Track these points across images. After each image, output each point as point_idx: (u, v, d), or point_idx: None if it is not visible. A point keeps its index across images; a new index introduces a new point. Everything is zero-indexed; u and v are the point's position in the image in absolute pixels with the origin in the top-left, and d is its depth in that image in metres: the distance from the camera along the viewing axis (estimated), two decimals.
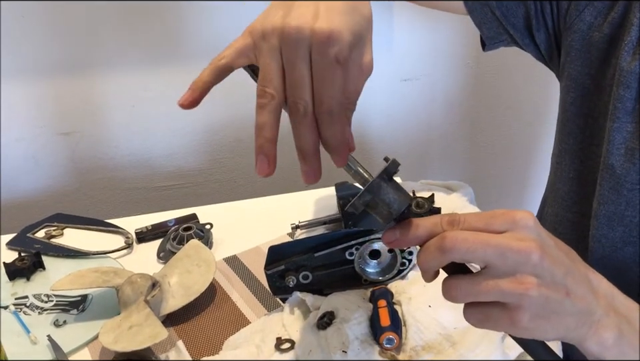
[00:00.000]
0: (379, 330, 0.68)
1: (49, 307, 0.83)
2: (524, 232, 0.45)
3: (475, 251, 0.45)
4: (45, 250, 0.93)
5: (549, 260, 0.45)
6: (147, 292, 0.76)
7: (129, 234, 0.96)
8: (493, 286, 0.45)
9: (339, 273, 0.78)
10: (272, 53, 0.47)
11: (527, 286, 0.44)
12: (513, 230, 0.45)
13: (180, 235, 0.92)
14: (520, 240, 0.45)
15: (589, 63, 0.73)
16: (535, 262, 0.44)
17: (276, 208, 1.04)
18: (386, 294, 0.74)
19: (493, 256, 0.45)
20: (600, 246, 0.73)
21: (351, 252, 0.76)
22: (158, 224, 0.98)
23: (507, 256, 0.44)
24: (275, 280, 0.77)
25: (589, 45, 0.73)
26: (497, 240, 0.45)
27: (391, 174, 0.49)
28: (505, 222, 0.46)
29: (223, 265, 0.89)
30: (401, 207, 0.48)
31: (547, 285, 0.45)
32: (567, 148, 0.79)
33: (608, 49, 0.71)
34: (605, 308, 0.47)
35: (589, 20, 0.72)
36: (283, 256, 0.77)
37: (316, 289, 0.78)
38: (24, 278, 0.88)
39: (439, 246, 0.46)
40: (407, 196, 0.49)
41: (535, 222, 0.46)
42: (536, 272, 0.44)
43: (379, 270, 0.79)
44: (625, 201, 0.69)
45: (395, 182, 0.49)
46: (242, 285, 0.85)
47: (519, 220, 0.46)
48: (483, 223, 0.46)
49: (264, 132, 0.48)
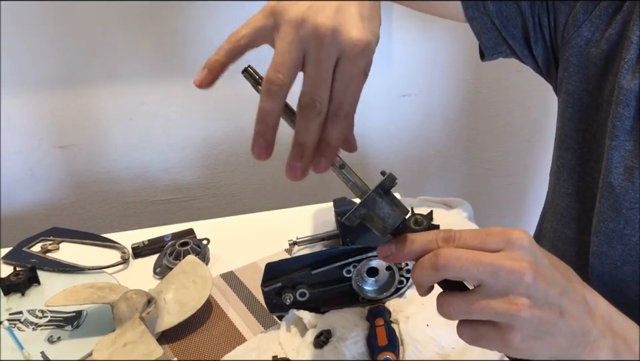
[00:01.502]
0: (376, 350, 0.67)
1: (43, 323, 0.82)
2: (518, 252, 0.45)
3: (468, 270, 0.45)
4: (40, 265, 0.92)
5: (543, 280, 0.45)
6: (142, 308, 0.76)
7: (125, 249, 0.96)
8: (485, 305, 0.45)
9: (336, 290, 0.77)
10: (296, 44, 0.47)
11: (519, 307, 0.44)
12: (508, 249, 0.45)
13: (177, 250, 0.91)
14: (513, 259, 0.44)
15: (587, 79, 0.73)
16: (527, 283, 0.44)
17: (273, 223, 1.04)
18: (383, 312, 0.73)
19: (485, 275, 0.45)
20: (600, 264, 0.72)
21: (349, 270, 0.76)
22: (154, 239, 0.97)
23: (499, 275, 0.44)
24: (271, 297, 0.77)
25: (587, 61, 0.73)
26: (490, 259, 0.45)
27: (387, 188, 0.49)
28: (500, 241, 0.46)
29: (220, 281, 0.89)
30: (395, 222, 0.49)
31: (539, 306, 0.45)
32: (565, 164, 0.78)
33: (605, 65, 0.71)
34: (601, 329, 0.47)
35: (586, 35, 0.72)
36: (279, 273, 0.76)
37: (313, 307, 0.77)
38: (19, 293, 0.87)
39: (433, 263, 0.46)
40: (402, 210, 0.49)
41: (530, 242, 0.46)
42: (529, 293, 0.44)
43: (376, 288, 0.78)
44: (624, 220, 0.69)
45: (392, 196, 0.49)
46: (238, 301, 0.85)
47: (514, 240, 0.45)
48: (478, 241, 0.46)
49: (268, 119, 0.48)
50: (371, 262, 0.76)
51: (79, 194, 1.32)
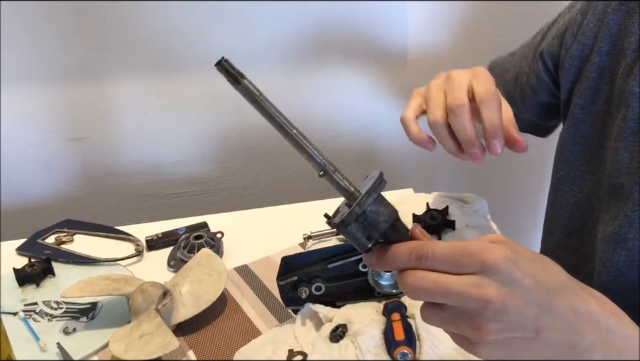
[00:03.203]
0: (393, 344, 0.67)
1: (58, 314, 0.82)
2: (490, 278, 0.44)
3: (435, 297, 0.46)
4: (54, 256, 0.92)
5: (515, 303, 0.44)
6: (158, 300, 0.76)
7: (139, 242, 0.96)
8: (454, 325, 0.46)
9: (352, 285, 0.77)
10: None
11: (484, 332, 0.44)
12: (481, 273, 0.44)
13: (191, 243, 0.91)
14: (481, 286, 0.44)
15: (580, 92, 0.77)
16: (495, 309, 0.44)
17: (287, 217, 1.04)
18: (399, 307, 0.73)
19: (452, 302, 0.45)
20: (605, 271, 0.72)
21: (365, 264, 0.75)
22: (168, 232, 0.97)
23: (466, 302, 0.44)
24: (287, 291, 0.76)
25: (580, 76, 0.77)
26: (456, 289, 0.44)
27: (379, 189, 0.48)
28: (474, 265, 0.44)
29: (234, 274, 0.89)
30: (387, 223, 0.48)
31: (509, 328, 0.44)
32: (564, 175, 0.81)
33: (598, 77, 0.75)
34: (591, 341, 0.46)
35: (577, 54, 0.77)
36: (295, 267, 0.76)
37: (328, 301, 0.77)
38: (33, 284, 0.87)
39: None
40: (392, 212, 0.48)
41: (506, 263, 0.44)
42: (497, 318, 0.44)
43: (392, 282, 0.78)
44: (628, 223, 0.70)
45: (381, 199, 0.48)
46: (253, 295, 0.85)
47: (489, 264, 0.44)
48: (451, 264, 0.45)
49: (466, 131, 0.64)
50: None
51: (92, 187, 1.32)
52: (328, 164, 0.47)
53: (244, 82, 0.44)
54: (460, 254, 0.45)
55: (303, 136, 0.47)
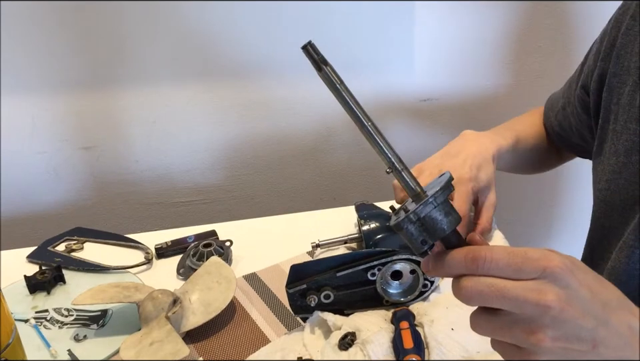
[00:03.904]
0: (402, 352, 0.67)
1: (69, 321, 0.83)
2: (550, 284, 0.44)
3: (491, 301, 0.45)
4: (65, 264, 0.93)
5: (573, 312, 0.44)
6: (168, 308, 0.76)
7: (149, 250, 0.96)
8: (507, 331, 0.45)
9: (360, 293, 0.77)
10: None
11: (540, 338, 0.44)
12: (541, 278, 0.44)
13: (200, 251, 0.92)
14: (540, 292, 0.44)
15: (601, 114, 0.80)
16: (553, 315, 0.44)
17: (295, 225, 1.04)
18: (408, 315, 0.73)
19: (509, 307, 0.45)
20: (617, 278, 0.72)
21: (373, 273, 0.76)
22: (177, 240, 0.98)
23: (524, 307, 0.44)
24: (296, 299, 0.77)
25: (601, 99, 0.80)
26: (514, 294, 0.44)
27: (442, 195, 0.47)
28: (535, 270, 0.45)
29: (243, 282, 0.89)
30: (439, 235, 0.47)
31: (566, 338, 0.44)
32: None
33: (609, 97, 0.77)
34: None
35: (598, 79, 0.80)
36: (304, 275, 0.77)
37: (337, 309, 0.77)
38: (44, 291, 0.88)
39: (458, 293, 0.47)
40: (449, 223, 0.48)
41: (566, 271, 0.45)
42: (555, 325, 0.44)
43: (400, 291, 0.78)
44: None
45: (445, 205, 0.47)
46: (262, 303, 0.85)
47: (549, 272, 0.44)
48: (511, 269, 0.45)
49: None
50: (395, 265, 0.76)
51: (102, 195, 1.33)
52: (397, 161, 0.47)
53: (326, 69, 0.44)
54: (520, 260, 0.45)
55: (377, 130, 0.47)
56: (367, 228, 0.87)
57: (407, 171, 0.48)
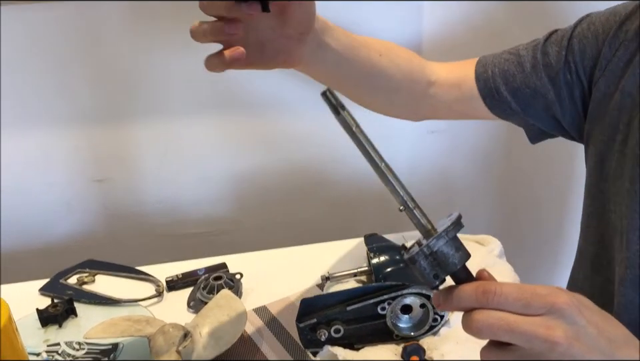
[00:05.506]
0: None
1: (80, 355, 0.83)
2: (558, 320, 0.45)
3: (501, 335, 0.46)
4: (77, 297, 0.94)
5: (580, 348, 0.45)
6: (179, 342, 0.77)
7: (160, 282, 0.97)
8: None
9: (370, 327, 0.77)
10: None
11: None
12: (549, 314, 0.46)
13: (210, 284, 0.92)
14: (549, 327, 0.45)
15: (602, 129, 0.77)
16: (561, 351, 0.45)
17: (304, 258, 1.05)
18: (418, 350, 0.73)
19: (518, 341, 0.46)
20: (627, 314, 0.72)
21: (383, 307, 0.76)
22: (188, 273, 0.99)
23: (533, 342, 0.45)
24: (306, 333, 0.77)
25: (603, 112, 0.76)
26: (523, 328, 0.45)
27: (452, 232, 0.49)
28: (543, 306, 0.46)
29: (253, 316, 0.89)
30: (450, 270, 0.49)
31: None
32: (593, 212, 0.81)
33: (618, 115, 0.74)
34: None
35: (603, 90, 0.76)
36: (315, 309, 0.77)
37: (347, 343, 0.77)
38: (56, 324, 0.89)
39: (468, 326, 0.47)
40: (460, 258, 0.49)
41: (574, 308, 0.46)
42: (563, 359, 0.45)
43: (410, 325, 0.78)
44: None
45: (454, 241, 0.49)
46: (272, 336, 0.85)
47: (557, 308, 0.45)
48: (520, 304, 0.46)
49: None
50: (405, 299, 0.76)
51: (113, 227, 1.34)
52: (410, 200, 0.50)
53: (343, 113, 0.47)
54: (529, 295, 0.46)
55: (391, 171, 0.49)
56: (376, 262, 0.87)
57: (419, 209, 0.50)
